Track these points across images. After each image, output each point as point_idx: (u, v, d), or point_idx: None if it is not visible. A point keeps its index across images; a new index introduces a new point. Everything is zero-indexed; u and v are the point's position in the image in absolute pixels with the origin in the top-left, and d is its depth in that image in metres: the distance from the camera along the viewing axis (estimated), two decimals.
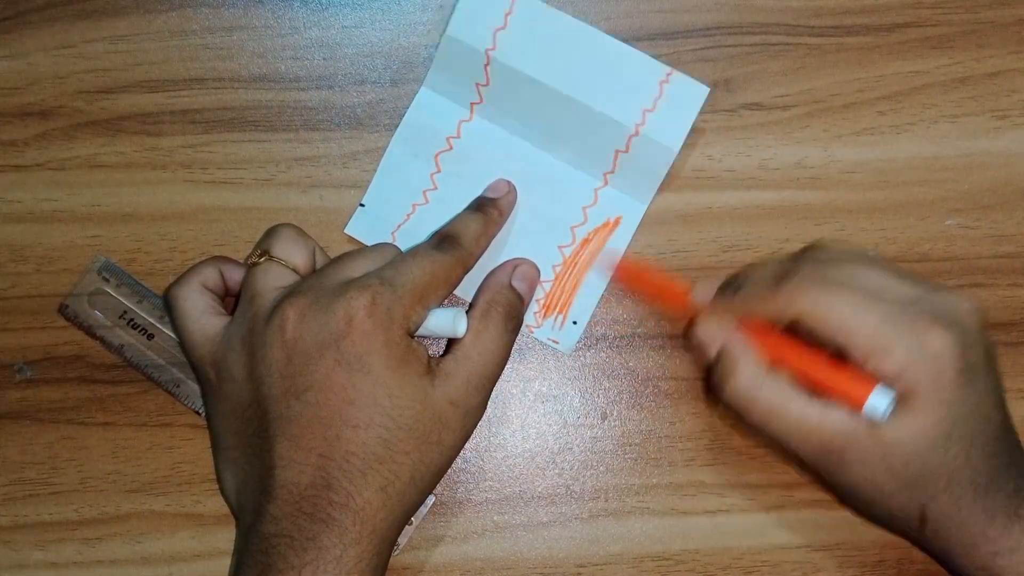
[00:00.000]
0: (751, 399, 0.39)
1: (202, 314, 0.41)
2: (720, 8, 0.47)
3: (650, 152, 0.44)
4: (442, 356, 0.40)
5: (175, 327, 0.42)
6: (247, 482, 0.39)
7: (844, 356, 0.38)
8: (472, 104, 0.46)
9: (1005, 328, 0.46)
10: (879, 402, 0.37)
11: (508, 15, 0.43)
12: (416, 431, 0.38)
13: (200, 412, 0.44)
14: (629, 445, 0.45)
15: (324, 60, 0.47)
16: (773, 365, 0.39)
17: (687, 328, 0.43)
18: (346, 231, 0.46)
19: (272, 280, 0.40)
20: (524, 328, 0.44)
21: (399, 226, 0.46)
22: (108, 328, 0.45)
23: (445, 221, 0.43)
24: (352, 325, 0.37)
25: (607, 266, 0.45)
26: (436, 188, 0.46)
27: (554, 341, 0.45)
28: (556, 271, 0.46)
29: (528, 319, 0.45)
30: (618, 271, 0.45)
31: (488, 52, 0.44)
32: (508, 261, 0.44)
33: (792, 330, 0.40)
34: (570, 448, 0.45)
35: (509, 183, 0.45)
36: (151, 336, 0.45)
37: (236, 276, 0.43)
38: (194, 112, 0.46)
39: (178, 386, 0.45)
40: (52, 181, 0.46)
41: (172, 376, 0.45)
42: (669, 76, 0.43)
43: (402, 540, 0.44)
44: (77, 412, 0.45)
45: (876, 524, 0.42)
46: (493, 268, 0.44)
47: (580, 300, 0.45)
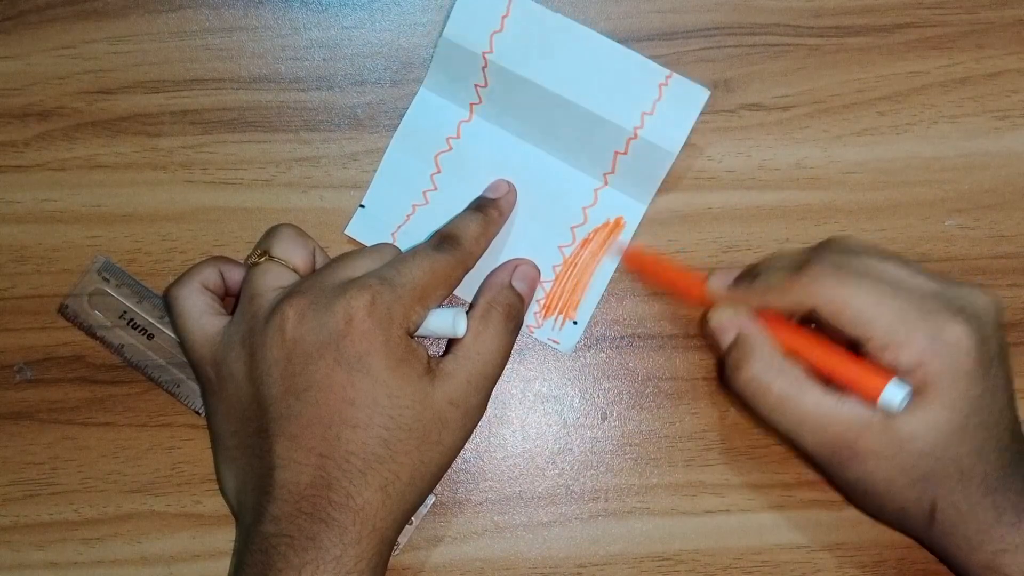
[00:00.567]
0: (765, 386, 0.39)
1: (202, 314, 0.41)
2: (720, 8, 0.47)
3: (649, 155, 0.44)
4: (442, 356, 0.40)
5: (175, 327, 0.42)
6: (247, 482, 0.39)
7: (858, 349, 0.38)
8: (471, 105, 0.46)
9: (1005, 328, 0.45)
10: (895, 394, 0.37)
11: (504, 18, 0.43)
12: (416, 431, 0.38)
13: (200, 412, 0.44)
14: (629, 445, 0.45)
15: (324, 61, 0.47)
16: (788, 355, 0.39)
17: (703, 317, 0.43)
18: (346, 232, 0.46)
19: (272, 280, 0.40)
20: (524, 328, 0.44)
21: (399, 227, 0.46)
22: (108, 328, 0.45)
23: (445, 221, 0.43)
24: (352, 325, 0.37)
25: (619, 254, 0.45)
26: (436, 188, 0.46)
27: (554, 341, 0.45)
28: (556, 271, 0.45)
29: (528, 319, 0.45)
30: (632, 260, 0.45)
31: (485, 55, 0.43)
32: (508, 261, 0.44)
33: (808, 321, 0.39)
34: (570, 448, 0.45)
35: (509, 183, 0.45)
36: (151, 336, 0.45)
37: (236, 276, 0.43)
38: (194, 113, 0.46)
39: (178, 386, 0.45)
40: (52, 181, 0.46)
41: (172, 376, 0.45)
42: (668, 79, 0.43)
43: (402, 540, 0.44)
44: (77, 412, 0.45)
45: (882, 521, 0.42)
46: (493, 268, 0.44)
47: (580, 300, 0.45)
